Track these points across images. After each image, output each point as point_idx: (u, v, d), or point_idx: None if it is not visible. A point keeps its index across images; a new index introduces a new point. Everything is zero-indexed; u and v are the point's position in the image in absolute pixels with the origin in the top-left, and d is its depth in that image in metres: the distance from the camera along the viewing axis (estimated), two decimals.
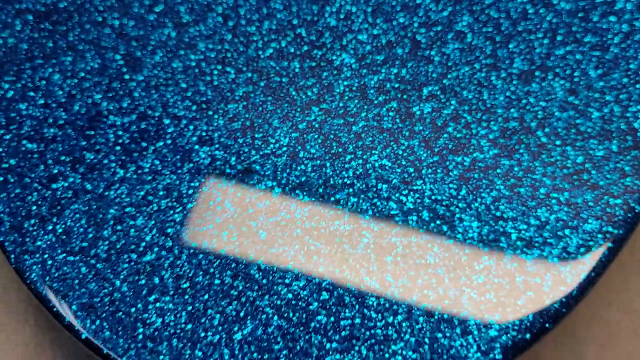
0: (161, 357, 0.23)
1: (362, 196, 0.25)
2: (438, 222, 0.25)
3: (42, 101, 0.27)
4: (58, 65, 0.28)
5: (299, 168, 0.26)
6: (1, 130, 0.27)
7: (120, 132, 0.27)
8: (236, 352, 0.24)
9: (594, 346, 0.27)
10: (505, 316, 0.23)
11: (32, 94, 0.27)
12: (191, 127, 0.27)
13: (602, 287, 0.28)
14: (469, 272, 0.24)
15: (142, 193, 0.26)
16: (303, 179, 0.26)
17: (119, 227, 0.25)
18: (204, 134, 0.26)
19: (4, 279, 0.29)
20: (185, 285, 0.24)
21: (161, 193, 0.26)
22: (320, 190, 0.25)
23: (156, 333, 0.24)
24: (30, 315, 0.29)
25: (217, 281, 0.24)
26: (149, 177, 0.26)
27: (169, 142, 0.26)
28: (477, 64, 0.27)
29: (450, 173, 0.25)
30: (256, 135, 0.26)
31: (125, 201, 0.26)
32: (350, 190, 0.25)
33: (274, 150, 0.26)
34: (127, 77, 0.27)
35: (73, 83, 0.27)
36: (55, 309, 0.24)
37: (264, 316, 0.24)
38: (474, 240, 0.24)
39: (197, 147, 0.26)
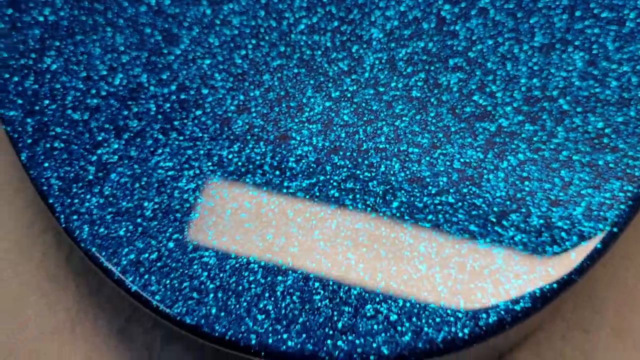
0: (208, 307, 0.25)
1: (395, 159, 0.27)
2: (467, 182, 0.26)
3: (84, 74, 0.29)
4: (98, 41, 0.29)
5: (333, 134, 0.27)
6: (46, 101, 0.28)
7: (160, 102, 0.28)
8: (279, 302, 0.25)
9: (614, 305, 0.29)
10: (534, 267, 0.25)
11: (74, 67, 0.29)
12: (228, 97, 0.28)
13: (619, 252, 0.30)
14: (498, 228, 0.25)
15: (184, 158, 0.27)
16: (337, 144, 0.27)
17: (162, 190, 0.27)
18: (241, 103, 0.28)
19: (43, 247, 0.31)
20: (228, 242, 0.26)
21: (202, 158, 0.27)
22: (354, 154, 0.27)
23: (202, 286, 0.25)
24: (71, 282, 0.30)
25: (257, 238, 0.26)
26: (190, 144, 0.27)
27: (207, 110, 0.28)
28: (500, 37, 0.28)
29: (478, 138, 0.27)
30: (291, 104, 0.28)
31: (167, 165, 0.27)
32: (383, 154, 0.27)
33: (308, 117, 0.28)
34: (165, 51, 0.29)
35: (113, 57, 0.29)
36: (104, 265, 0.26)
37: (304, 269, 0.25)
38: (502, 199, 0.26)
39: (235, 115, 0.28)
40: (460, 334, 0.24)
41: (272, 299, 0.25)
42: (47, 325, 0.29)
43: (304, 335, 0.24)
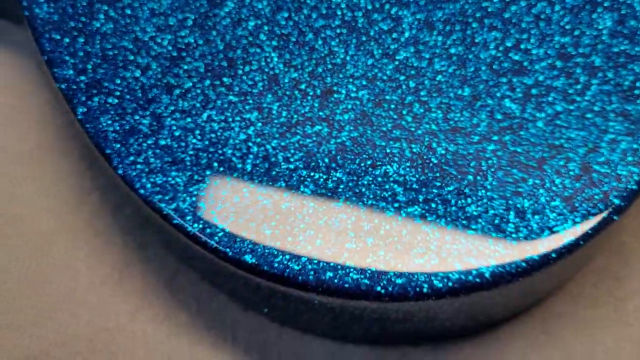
0: (265, 246, 0.26)
1: (438, 111, 0.28)
2: (508, 131, 0.28)
3: (133, 35, 0.30)
4: (145, 5, 0.30)
5: (376, 89, 0.29)
6: (98, 60, 0.30)
7: (208, 61, 0.29)
8: (334, 241, 0.26)
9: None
10: (575, 207, 0.26)
11: (123, 29, 0.30)
12: (275, 56, 0.30)
13: None
14: (539, 172, 0.27)
15: (235, 111, 0.29)
16: (381, 97, 0.29)
17: (215, 140, 0.28)
18: (287, 61, 0.29)
19: (90, 206, 0.32)
20: (281, 187, 0.27)
21: (252, 111, 0.28)
22: (399, 107, 0.28)
23: (259, 227, 0.27)
24: (118, 238, 0.31)
25: (309, 182, 0.27)
26: (240, 98, 0.29)
27: (255, 68, 0.29)
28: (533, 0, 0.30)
29: (516, 91, 0.28)
30: (335, 62, 0.29)
31: (219, 118, 0.28)
32: (426, 106, 0.28)
33: (352, 74, 0.29)
34: (210, 14, 0.30)
35: (160, 20, 0.30)
36: (164, 211, 0.27)
37: (357, 211, 0.27)
38: (541, 146, 0.27)
39: (281, 72, 0.29)
40: (508, 268, 0.25)
41: (328, 238, 0.26)
42: (96, 278, 0.30)
43: (359, 271, 0.26)
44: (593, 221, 0.26)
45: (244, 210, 0.27)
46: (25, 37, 0.34)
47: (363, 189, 0.27)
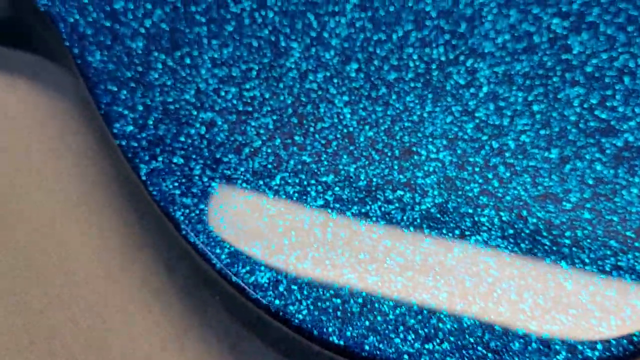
0: (354, 326, 0.24)
1: (525, 175, 0.27)
2: (602, 199, 0.26)
3: (194, 87, 0.28)
4: (205, 54, 0.28)
5: (459, 149, 0.27)
6: (159, 115, 0.28)
7: (276, 117, 0.28)
8: (427, 321, 0.25)
9: None
10: None
11: (183, 80, 0.28)
12: (347, 111, 0.28)
13: None
14: (638, 244, 0.25)
15: (309, 174, 0.27)
16: (464, 159, 0.27)
17: (292, 206, 0.26)
18: (361, 118, 0.28)
19: (144, 264, 0.30)
20: (366, 259, 0.25)
21: (329, 174, 0.27)
22: (484, 170, 0.27)
23: (346, 305, 0.25)
24: (175, 297, 0.30)
25: (395, 254, 0.25)
26: (314, 158, 0.27)
27: (327, 125, 0.28)
28: (614, 52, 0.28)
29: (606, 153, 0.27)
30: (412, 119, 0.28)
31: (294, 180, 0.27)
32: (512, 169, 0.27)
33: (432, 132, 0.27)
34: (275, 64, 0.28)
35: (223, 71, 0.28)
36: (241, 285, 0.25)
37: (449, 286, 0.25)
38: (639, 215, 0.26)
39: (356, 131, 0.27)
40: (615, 351, 0.24)
41: (420, 317, 0.25)
42: (156, 342, 0.29)
43: (457, 355, 0.24)
44: None
45: (328, 286, 0.25)
46: (61, 75, 0.32)
47: (454, 262, 0.25)
